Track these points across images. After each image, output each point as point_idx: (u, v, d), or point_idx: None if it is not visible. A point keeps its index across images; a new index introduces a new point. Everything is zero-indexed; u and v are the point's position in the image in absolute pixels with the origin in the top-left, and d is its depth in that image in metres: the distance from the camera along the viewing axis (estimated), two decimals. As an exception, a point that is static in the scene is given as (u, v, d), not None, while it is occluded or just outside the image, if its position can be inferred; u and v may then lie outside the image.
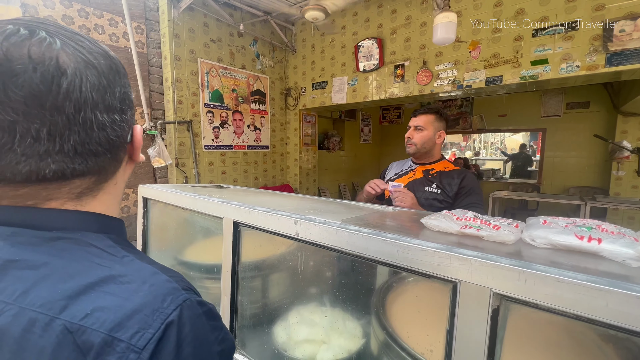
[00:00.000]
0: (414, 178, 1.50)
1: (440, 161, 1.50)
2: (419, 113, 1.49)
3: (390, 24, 3.30)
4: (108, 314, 0.30)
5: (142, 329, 0.30)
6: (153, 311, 0.31)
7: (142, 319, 0.31)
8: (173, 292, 0.34)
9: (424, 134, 1.46)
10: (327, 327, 1.06)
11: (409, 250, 0.67)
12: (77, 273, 0.32)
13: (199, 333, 0.33)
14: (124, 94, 0.38)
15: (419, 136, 1.46)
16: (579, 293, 0.48)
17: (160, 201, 1.50)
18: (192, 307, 0.34)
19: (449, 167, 1.46)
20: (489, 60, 2.74)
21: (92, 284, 0.32)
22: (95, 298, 0.31)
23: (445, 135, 1.49)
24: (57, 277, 0.32)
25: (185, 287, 0.36)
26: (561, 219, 0.81)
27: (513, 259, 0.57)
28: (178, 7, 2.97)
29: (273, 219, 0.98)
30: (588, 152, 4.59)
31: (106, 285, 0.32)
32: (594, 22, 2.26)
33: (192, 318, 0.33)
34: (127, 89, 0.39)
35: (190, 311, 0.33)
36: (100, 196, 0.40)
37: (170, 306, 0.32)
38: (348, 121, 5.72)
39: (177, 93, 3.07)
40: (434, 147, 1.48)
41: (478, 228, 0.77)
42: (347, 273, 0.95)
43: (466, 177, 1.40)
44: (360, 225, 0.83)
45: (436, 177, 1.45)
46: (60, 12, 2.42)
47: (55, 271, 0.32)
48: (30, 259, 0.32)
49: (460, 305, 0.60)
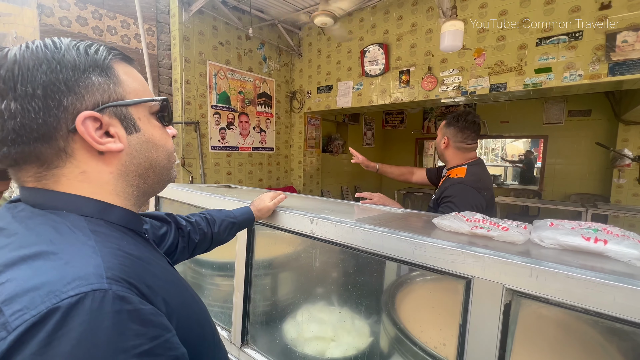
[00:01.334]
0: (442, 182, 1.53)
1: (456, 168, 1.45)
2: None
3: (396, 30, 3.36)
4: (11, 285, 0.29)
5: (26, 308, 0.28)
6: (49, 292, 0.29)
7: (34, 297, 0.28)
8: (87, 277, 0.30)
9: (436, 140, 1.55)
10: (336, 325, 1.09)
11: (424, 248, 0.71)
12: (27, 245, 0.34)
13: (97, 332, 0.28)
14: (51, 82, 0.36)
15: (435, 143, 1.58)
16: (588, 288, 0.52)
17: (174, 199, 1.54)
18: (103, 299, 0.29)
19: (459, 175, 1.41)
20: (493, 68, 2.78)
21: (26, 256, 0.32)
22: (17, 269, 0.31)
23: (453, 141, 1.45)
24: (13, 246, 0.34)
25: (117, 278, 0.32)
26: (567, 222, 0.84)
27: (524, 257, 0.61)
28: (189, 10, 3.02)
29: (289, 217, 1.01)
30: (589, 160, 4.62)
31: (35, 259, 0.32)
32: (597, 33, 2.31)
33: (95, 312, 0.29)
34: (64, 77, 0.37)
35: (96, 303, 0.29)
36: (68, 183, 0.39)
37: (70, 291, 0.29)
38: (351, 125, 5.78)
39: (186, 94, 3.12)
40: (443, 153, 1.51)
41: (488, 229, 0.81)
42: (356, 271, 0.98)
43: (450, 187, 1.36)
44: (374, 224, 0.86)
45: (443, 183, 1.47)
46: (74, 13, 2.48)
47: (17, 241, 0.35)
48: (12, 228, 0.36)
49: (474, 301, 0.64)
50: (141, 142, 0.44)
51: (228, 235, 0.93)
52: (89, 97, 0.39)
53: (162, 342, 0.32)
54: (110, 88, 0.41)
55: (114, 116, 0.41)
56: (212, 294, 1.41)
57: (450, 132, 1.47)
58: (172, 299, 0.39)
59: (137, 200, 0.47)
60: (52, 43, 0.38)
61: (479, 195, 1.32)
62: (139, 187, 0.46)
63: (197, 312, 0.46)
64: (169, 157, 0.49)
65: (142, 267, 0.38)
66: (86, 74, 0.39)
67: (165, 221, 0.77)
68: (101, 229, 0.39)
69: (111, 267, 0.33)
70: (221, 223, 0.90)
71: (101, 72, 0.40)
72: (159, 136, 0.47)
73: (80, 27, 2.51)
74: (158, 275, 0.40)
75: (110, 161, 0.42)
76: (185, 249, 0.79)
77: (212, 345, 0.48)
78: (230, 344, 1.19)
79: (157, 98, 0.46)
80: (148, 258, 0.42)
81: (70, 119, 0.38)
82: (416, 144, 6.40)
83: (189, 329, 0.41)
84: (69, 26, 2.46)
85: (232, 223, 0.93)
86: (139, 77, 0.46)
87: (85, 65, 0.39)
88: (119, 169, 0.43)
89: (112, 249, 0.36)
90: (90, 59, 0.40)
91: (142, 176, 0.46)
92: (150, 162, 0.46)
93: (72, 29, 2.48)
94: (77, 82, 0.38)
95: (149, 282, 0.36)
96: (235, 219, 0.94)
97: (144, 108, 0.45)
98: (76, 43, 0.40)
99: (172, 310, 0.38)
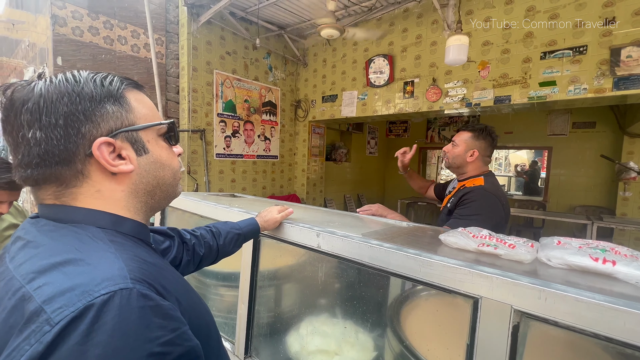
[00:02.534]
0: (451, 194, 1.52)
1: (477, 177, 1.44)
2: (460, 129, 1.54)
3: (401, 42, 3.40)
4: (49, 287, 0.33)
5: (65, 306, 0.31)
6: (83, 292, 0.32)
7: (71, 296, 0.32)
8: (114, 279, 0.34)
9: (456, 150, 1.50)
10: (339, 338, 1.08)
11: (431, 266, 0.71)
12: (56, 253, 0.37)
13: (127, 324, 0.32)
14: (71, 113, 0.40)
15: (452, 151, 1.52)
16: (598, 312, 0.52)
17: (179, 209, 1.55)
18: (130, 296, 0.33)
19: (476, 184, 1.40)
20: (497, 80, 2.80)
21: (57, 263, 0.36)
22: (51, 275, 0.35)
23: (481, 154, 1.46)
24: (43, 255, 0.38)
25: (138, 279, 0.36)
26: (574, 240, 0.84)
27: (533, 278, 0.61)
28: (198, 20, 3.09)
29: (295, 230, 1.02)
30: (594, 172, 4.60)
31: (66, 265, 0.36)
32: (601, 47, 2.33)
33: (124, 307, 0.32)
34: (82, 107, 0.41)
35: (124, 300, 0.33)
36: (84, 200, 0.43)
37: (102, 290, 0.33)
38: (355, 133, 5.80)
39: (193, 102, 3.17)
40: (466, 164, 1.48)
41: (495, 246, 0.81)
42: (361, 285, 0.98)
43: (472, 192, 1.34)
44: (380, 240, 0.86)
45: (457, 191, 1.45)
46: (87, 23, 2.54)
47: (46, 250, 0.38)
48: (39, 240, 0.40)
49: (481, 321, 0.64)
50: (150, 163, 0.48)
51: (234, 247, 0.94)
52: (104, 124, 0.43)
53: (180, 333, 0.36)
54: (123, 115, 0.45)
55: (125, 140, 0.45)
56: (216, 304, 1.41)
57: (481, 145, 1.48)
58: (183, 300, 0.43)
59: (146, 215, 0.51)
60: (72, 77, 0.42)
61: (499, 204, 1.32)
62: (147, 203, 0.50)
63: (204, 314, 0.50)
64: (174, 175, 0.53)
65: (156, 271, 0.42)
66: (102, 104, 0.43)
67: (168, 236, 0.79)
68: (117, 239, 0.43)
69: (132, 270, 0.37)
70: (226, 235, 0.91)
71: (115, 102, 0.45)
72: (165, 156, 0.51)
73: (92, 37, 2.57)
74: (170, 278, 0.44)
75: (122, 180, 0.46)
76: (190, 263, 0.81)
77: (218, 344, 0.52)
78: (234, 355, 1.18)
79: (164, 122, 0.51)
80: (160, 264, 0.46)
81: (87, 145, 0.42)
82: (419, 153, 6.41)
83: (198, 327, 0.44)
84: (81, 36, 2.52)
85: (237, 234, 0.94)
86: (149, 102, 0.51)
87: (101, 96, 0.43)
88: (129, 188, 0.47)
89: (129, 255, 0.40)
90: (106, 90, 0.44)
91: (150, 193, 0.50)
92: (157, 180, 0.50)
93: (84, 39, 2.54)
94: (94, 112, 0.42)
95: (164, 284, 0.40)
96: (240, 231, 0.95)
97: (153, 131, 0.49)
98: (93, 75, 0.44)
99: (184, 309, 0.41)
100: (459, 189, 1.46)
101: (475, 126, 1.50)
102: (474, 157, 1.47)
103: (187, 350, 0.36)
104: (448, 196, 1.56)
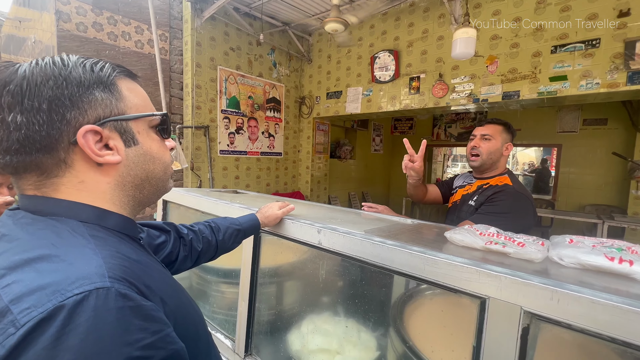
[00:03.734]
0: (468, 192, 1.42)
1: (502, 176, 1.35)
2: (486, 122, 1.40)
3: (407, 37, 3.34)
4: (18, 286, 0.31)
5: (34, 306, 0.29)
6: (54, 291, 0.30)
7: (40, 296, 0.30)
8: (90, 277, 0.32)
9: (492, 144, 1.34)
10: (341, 337, 1.06)
11: (436, 264, 0.68)
12: (30, 249, 0.35)
13: (103, 327, 0.30)
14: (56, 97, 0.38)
15: (486, 145, 1.34)
16: (615, 315, 0.48)
17: (181, 204, 1.54)
18: (107, 296, 0.31)
19: (504, 182, 1.31)
20: (506, 75, 2.73)
21: (30, 259, 0.34)
22: (22, 272, 0.33)
23: (513, 147, 1.39)
24: (16, 250, 0.35)
25: (118, 277, 0.33)
26: (587, 239, 0.80)
27: (544, 278, 0.57)
28: (201, 16, 3.07)
29: (296, 226, 0.99)
30: (605, 170, 4.49)
31: (39, 262, 0.33)
32: (615, 40, 2.25)
33: (100, 308, 0.30)
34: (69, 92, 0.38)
35: (100, 300, 0.30)
36: (67, 191, 0.41)
37: (75, 290, 0.30)
38: (360, 130, 5.76)
39: (196, 99, 3.16)
40: (500, 158, 1.37)
41: (503, 245, 0.77)
42: (364, 283, 0.96)
43: (503, 191, 1.25)
44: (383, 237, 0.83)
45: (485, 189, 1.34)
46: (91, 19, 2.54)
47: (19, 245, 0.36)
48: (13, 234, 0.38)
49: (489, 322, 0.60)
50: (139, 155, 0.46)
51: (233, 243, 0.92)
52: (92, 111, 0.41)
53: (163, 336, 0.34)
54: (112, 103, 0.43)
55: (114, 130, 0.43)
56: (217, 301, 1.40)
57: (511, 138, 1.38)
58: (169, 300, 0.41)
59: (133, 209, 0.49)
60: (60, 60, 0.40)
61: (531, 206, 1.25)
62: (135, 197, 0.48)
63: (193, 314, 0.48)
64: (165, 169, 0.51)
65: (140, 269, 0.39)
66: (90, 90, 0.41)
67: (164, 230, 0.77)
68: (99, 234, 0.40)
69: (112, 268, 0.34)
70: (226, 230, 0.89)
71: (104, 89, 0.42)
72: (156, 149, 0.49)
73: (96, 33, 2.57)
74: (155, 277, 0.42)
75: (108, 172, 0.44)
76: (188, 258, 0.79)
77: (207, 345, 0.50)
78: (234, 353, 1.17)
79: (156, 113, 0.48)
80: (145, 261, 0.43)
81: (72, 132, 0.40)
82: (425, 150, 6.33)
83: (185, 328, 0.42)
84: (85, 31, 2.52)
85: (237, 230, 0.92)
86: (142, 92, 0.48)
87: (90, 82, 0.41)
88: (116, 180, 0.45)
89: (111, 252, 0.38)
90: (95, 76, 0.41)
91: (139, 187, 0.47)
92: (147, 173, 0.47)
93: (88, 34, 2.54)
94: (81, 98, 0.40)
95: (148, 283, 0.38)
96: (240, 226, 0.93)
97: (144, 122, 0.47)
98: (83, 60, 0.42)
99: (170, 309, 0.39)
100: (483, 187, 1.36)
101: (501, 120, 1.39)
102: (509, 150, 1.36)
103: (171, 353, 0.34)
104: (460, 192, 1.49)
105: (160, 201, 1.68)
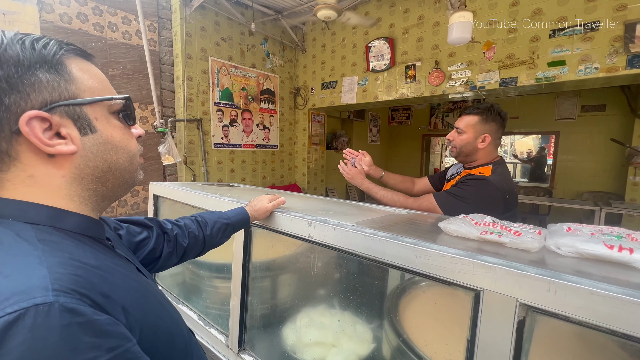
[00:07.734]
0: (456, 180, 1.41)
1: (485, 166, 1.32)
2: (463, 114, 1.37)
3: (402, 24, 3.26)
4: None
5: None
6: None
7: None
8: (29, 292, 0.28)
9: (464, 138, 1.34)
10: (336, 330, 1.04)
11: (429, 256, 0.65)
12: None
13: (43, 349, 0.26)
14: None
15: (459, 139, 1.36)
16: (615, 307, 0.46)
17: (171, 199, 1.51)
18: (48, 313, 0.27)
19: (482, 173, 1.30)
20: (503, 61, 2.68)
21: None
22: None
23: (493, 138, 1.33)
24: None
25: (65, 289, 0.30)
26: (585, 226, 0.78)
27: (541, 268, 0.54)
28: (190, 5, 2.98)
29: (286, 219, 0.96)
30: (603, 157, 4.47)
31: None
32: (615, 23, 2.19)
33: (39, 328, 0.26)
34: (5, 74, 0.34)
35: (40, 318, 0.27)
36: (13, 188, 0.37)
37: (7, 308, 0.27)
38: (357, 121, 5.69)
39: (188, 91, 3.09)
40: (476, 151, 1.34)
41: (499, 234, 0.74)
42: (358, 275, 0.93)
43: (474, 179, 1.25)
44: (375, 228, 0.81)
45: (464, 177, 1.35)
46: (75, 9, 2.45)
47: None
48: None
49: (483, 315, 0.58)
50: (98, 144, 0.41)
51: (222, 238, 0.89)
52: (35, 95, 0.36)
53: (121, 352, 0.30)
54: (61, 86, 0.38)
55: (65, 116, 0.38)
56: (210, 296, 1.38)
57: (492, 128, 1.32)
58: (134, 308, 0.37)
59: (97, 205, 0.44)
60: None
61: (500, 199, 1.20)
62: (97, 191, 0.43)
63: (167, 320, 0.44)
64: (131, 159, 0.46)
65: (98, 277, 0.35)
66: (31, 71, 0.36)
67: (145, 226, 0.73)
68: (51, 237, 0.36)
69: (59, 278, 0.31)
70: (213, 225, 0.86)
71: (50, 69, 0.37)
72: (119, 137, 0.44)
73: (81, 24, 2.49)
74: (118, 284, 0.38)
75: (62, 164, 0.39)
76: (173, 254, 0.75)
77: (184, 353, 0.46)
78: (228, 349, 1.15)
79: (116, 97, 0.43)
80: (107, 267, 0.39)
81: (13, 119, 0.35)
82: (423, 140, 6.29)
83: (155, 337, 0.39)
84: (70, 22, 2.43)
85: (225, 224, 0.89)
86: (98, 73, 0.43)
87: (31, 61, 0.35)
88: (72, 173, 0.40)
89: (61, 259, 0.34)
90: (37, 54, 0.36)
91: (100, 180, 0.43)
92: (109, 164, 0.43)
93: (73, 26, 2.45)
94: (21, 79, 0.35)
95: (106, 292, 0.34)
96: (229, 220, 0.90)
97: (102, 107, 0.42)
98: (22, 37, 0.36)
99: (135, 319, 0.36)
100: (463, 176, 1.36)
101: (481, 106, 1.33)
102: (486, 142, 1.31)
103: None
104: (450, 182, 1.48)
105: (151, 195, 1.64)
